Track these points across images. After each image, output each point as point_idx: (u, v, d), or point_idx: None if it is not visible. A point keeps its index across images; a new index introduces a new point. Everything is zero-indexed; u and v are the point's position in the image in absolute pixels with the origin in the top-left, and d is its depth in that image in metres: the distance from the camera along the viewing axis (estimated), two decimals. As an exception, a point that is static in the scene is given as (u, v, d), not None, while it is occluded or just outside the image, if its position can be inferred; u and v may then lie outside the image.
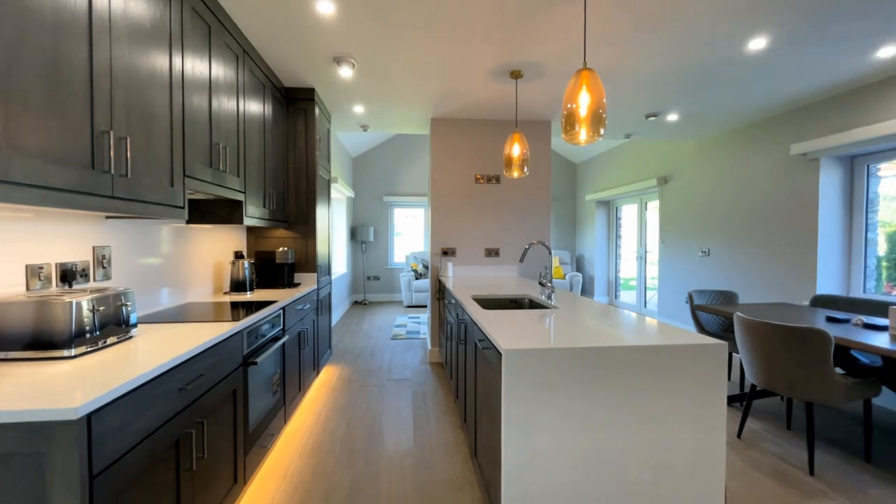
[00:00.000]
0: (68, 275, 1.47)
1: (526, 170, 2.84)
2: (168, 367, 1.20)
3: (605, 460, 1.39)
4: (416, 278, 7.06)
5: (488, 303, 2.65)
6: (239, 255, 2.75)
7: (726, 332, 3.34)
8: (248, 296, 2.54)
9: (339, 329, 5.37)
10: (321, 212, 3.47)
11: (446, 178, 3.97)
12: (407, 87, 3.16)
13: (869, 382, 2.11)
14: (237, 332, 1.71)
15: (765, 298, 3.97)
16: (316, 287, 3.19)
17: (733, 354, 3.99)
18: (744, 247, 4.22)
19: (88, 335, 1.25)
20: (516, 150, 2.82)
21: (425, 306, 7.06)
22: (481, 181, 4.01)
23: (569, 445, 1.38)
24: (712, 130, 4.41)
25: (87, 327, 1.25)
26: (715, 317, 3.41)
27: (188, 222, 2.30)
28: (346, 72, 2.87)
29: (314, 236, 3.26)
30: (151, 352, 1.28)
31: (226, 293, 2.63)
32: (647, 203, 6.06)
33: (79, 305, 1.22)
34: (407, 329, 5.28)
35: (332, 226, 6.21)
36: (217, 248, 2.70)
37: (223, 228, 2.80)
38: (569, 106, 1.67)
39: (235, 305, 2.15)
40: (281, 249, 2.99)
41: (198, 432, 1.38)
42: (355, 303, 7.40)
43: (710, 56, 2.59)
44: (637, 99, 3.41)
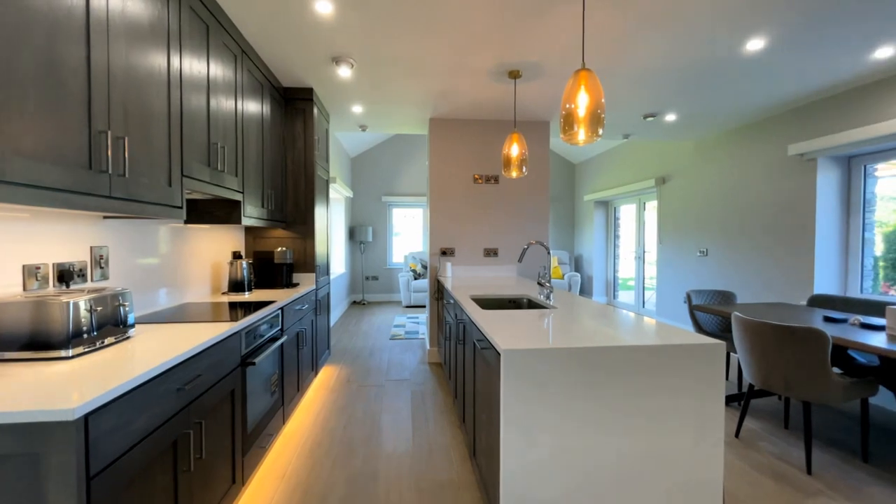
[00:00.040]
0: (65, 275, 1.47)
1: (524, 170, 2.84)
2: (166, 368, 1.19)
3: (603, 460, 1.39)
4: (415, 278, 7.05)
5: (487, 303, 2.65)
6: (237, 256, 2.75)
7: (724, 331, 3.35)
8: (247, 296, 2.54)
9: (338, 329, 5.36)
10: (320, 212, 3.46)
11: (445, 179, 3.97)
12: (405, 86, 3.16)
13: (866, 382, 2.12)
14: (235, 333, 1.71)
15: (762, 298, 3.98)
16: (314, 287, 3.19)
17: (731, 354, 4.00)
18: (742, 247, 4.23)
19: (86, 335, 1.25)
20: (515, 150, 2.83)
21: (424, 306, 7.06)
22: (480, 181, 4.01)
23: (567, 445, 1.38)
24: (710, 131, 4.43)
25: (85, 328, 1.24)
26: (713, 317, 3.42)
27: (186, 222, 2.29)
28: (344, 72, 2.87)
29: (313, 236, 3.26)
30: (149, 352, 1.28)
31: (224, 293, 2.63)
32: (645, 203, 6.07)
33: (76, 306, 1.21)
34: (406, 329, 5.27)
35: (331, 226, 6.19)
36: (215, 249, 2.69)
37: (221, 228, 2.79)
38: (567, 106, 1.67)
39: (234, 306, 2.15)
40: (279, 249, 2.98)
41: (196, 433, 1.38)
42: (354, 303, 7.39)
43: (708, 56, 2.60)
44: (635, 99, 3.42)
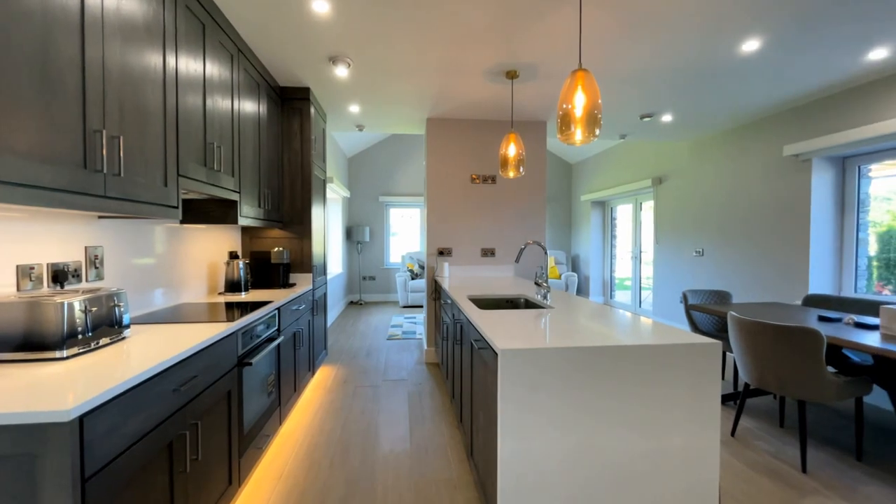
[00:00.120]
0: (60, 275, 1.46)
1: (522, 170, 2.85)
2: (162, 369, 1.19)
3: (600, 459, 1.40)
4: (412, 278, 7.05)
5: (484, 303, 2.66)
6: (234, 256, 2.73)
7: (720, 331, 3.37)
8: (243, 296, 2.53)
9: (335, 329, 5.35)
10: (316, 212, 3.45)
11: (442, 178, 3.97)
12: (402, 86, 3.16)
13: (860, 381, 2.14)
14: (232, 333, 1.70)
15: (758, 298, 4.00)
16: (311, 287, 3.18)
17: (727, 353, 4.03)
18: (737, 247, 4.26)
19: (80, 336, 1.24)
20: (512, 150, 2.83)
21: (421, 306, 7.05)
22: (477, 181, 4.02)
23: (564, 444, 1.38)
24: (706, 131, 4.45)
25: (80, 328, 1.23)
26: (709, 316, 3.44)
27: (182, 222, 2.28)
28: (341, 71, 2.86)
29: (309, 236, 3.25)
30: (145, 353, 1.27)
31: (220, 294, 2.62)
32: (641, 203, 6.09)
33: (70, 306, 1.20)
34: (403, 329, 5.27)
35: (328, 226, 6.19)
36: (211, 249, 2.68)
37: (218, 228, 2.78)
38: (564, 106, 1.67)
39: (230, 306, 2.14)
40: (276, 249, 2.97)
41: (192, 434, 1.37)
42: (351, 303, 7.38)
43: (704, 57, 2.61)
44: (632, 100, 3.43)
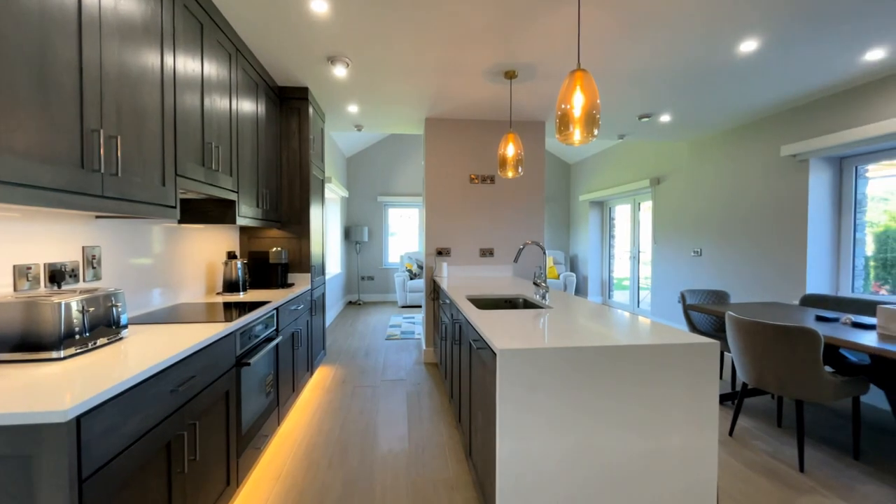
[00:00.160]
0: (57, 275, 1.45)
1: (520, 170, 2.85)
2: (159, 369, 1.18)
3: (599, 459, 1.40)
4: (411, 278, 7.05)
5: (483, 303, 2.66)
6: (232, 256, 2.73)
7: (718, 331, 3.38)
8: (241, 296, 2.52)
9: (334, 329, 5.34)
10: (315, 212, 3.45)
11: (441, 178, 3.97)
12: (401, 86, 3.16)
13: (857, 380, 2.14)
14: (230, 333, 1.70)
15: (756, 298, 4.01)
16: (310, 287, 3.17)
17: (725, 353, 4.03)
18: (735, 247, 4.27)
19: (78, 336, 1.23)
20: (510, 150, 2.83)
21: (420, 306, 7.05)
22: (476, 181, 4.02)
23: (563, 444, 1.38)
24: (704, 131, 4.46)
25: (77, 328, 1.23)
26: (707, 316, 3.44)
27: (180, 222, 2.27)
28: (339, 71, 2.86)
29: (308, 236, 3.25)
30: (142, 353, 1.26)
31: (218, 294, 2.61)
32: (640, 203, 6.10)
33: (68, 306, 1.20)
34: (401, 329, 5.27)
35: (326, 226, 6.18)
36: (209, 249, 2.67)
37: (216, 228, 2.77)
38: (563, 106, 1.67)
39: (228, 306, 2.14)
40: (274, 249, 2.97)
41: (190, 434, 1.37)
42: (349, 303, 7.37)
43: (702, 58, 2.62)
44: (630, 100, 3.44)
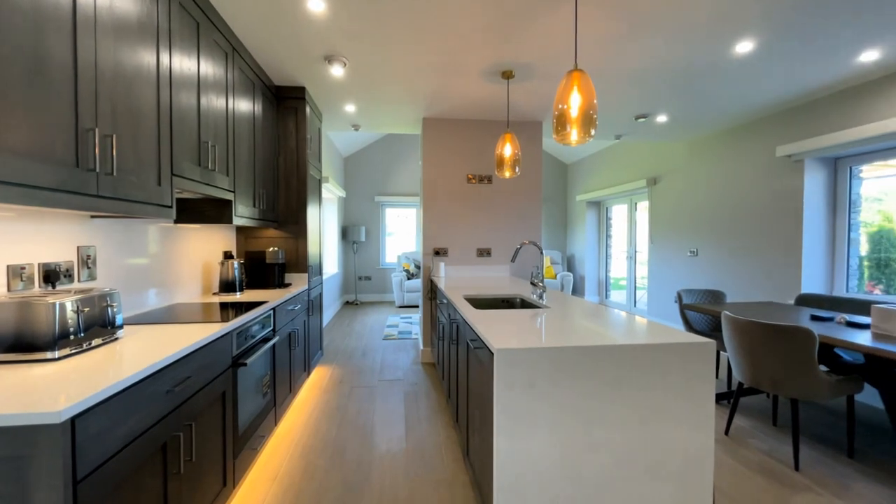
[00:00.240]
0: (51, 275, 1.44)
1: (517, 170, 2.85)
2: (155, 369, 1.18)
3: (596, 457, 1.40)
4: (408, 278, 7.04)
5: (480, 303, 2.66)
6: (228, 256, 2.72)
7: (714, 330, 3.39)
8: (238, 296, 2.51)
9: (331, 329, 5.33)
10: (312, 211, 3.44)
11: (438, 178, 3.97)
12: (398, 86, 3.15)
13: (852, 379, 2.16)
14: (226, 334, 1.69)
15: (751, 297, 4.03)
16: (307, 287, 3.17)
17: (721, 353, 4.06)
18: (731, 247, 4.29)
19: (72, 337, 1.22)
20: (508, 150, 2.83)
21: (417, 306, 7.05)
22: (473, 181, 4.02)
23: (560, 443, 1.38)
24: (701, 132, 4.48)
25: (71, 329, 1.22)
26: (703, 316, 3.46)
27: (176, 222, 2.26)
28: (337, 70, 2.85)
29: (305, 236, 3.24)
30: (138, 353, 1.26)
31: (215, 294, 2.60)
32: (636, 203, 6.12)
33: (62, 306, 1.19)
34: (399, 329, 5.26)
35: (324, 226, 6.17)
36: (206, 248, 2.66)
37: (212, 228, 2.76)
38: (560, 106, 1.67)
39: (225, 306, 2.13)
40: (271, 249, 2.96)
41: (186, 435, 1.36)
42: (347, 303, 7.36)
43: (699, 58, 2.63)
44: (627, 100, 3.45)
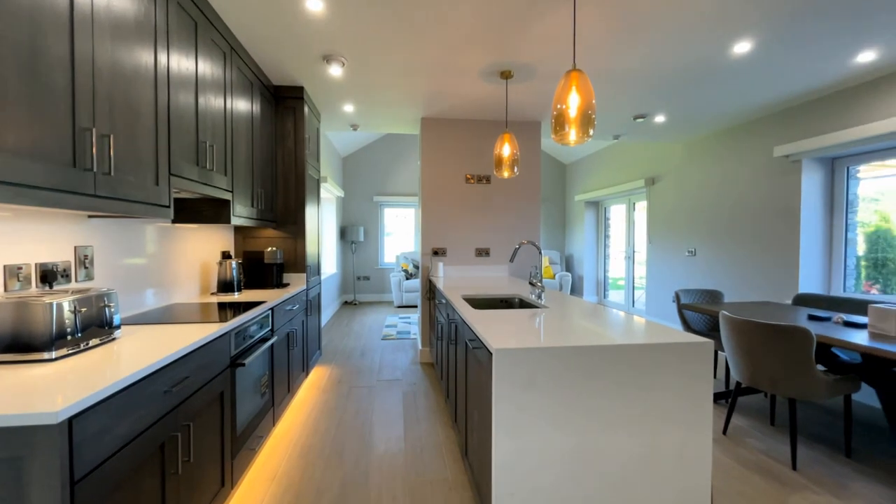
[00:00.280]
0: (48, 275, 1.43)
1: (516, 170, 2.85)
2: (153, 370, 1.17)
3: (594, 458, 1.40)
4: (407, 278, 7.04)
5: (479, 303, 2.66)
6: (226, 255, 2.71)
7: (712, 330, 3.40)
8: (236, 296, 2.51)
9: (329, 330, 5.33)
10: (310, 211, 3.43)
11: (437, 178, 3.97)
12: (397, 86, 3.15)
13: (849, 379, 2.17)
14: (224, 334, 1.69)
15: (749, 297, 4.05)
16: (305, 287, 3.16)
17: (719, 352, 4.06)
18: (729, 246, 4.30)
19: (69, 337, 1.22)
20: (506, 150, 2.83)
21: (416, 306, 7.04)
22: (472, 181, 4.02)
23: (558, 443, 1.38)
24: (699, 132, 4.49)
25: (69, 329, 1.22)
26: (701, 315, 3.47)
27: (174, 222, 2.26)
28: (335, 70, 2.85)
29: (303, 236, 3.23)
30: (135, 354, 1.25)
31: (213, 294, 2.60)
32: (635, 203, 6.13)
33: (59, 306, 1.19)
34: (397, 329, 5.26)
35: (322, 226, 6.16)
36: (204, 248, 2.66)
37: (210, 228, 2.75)
38: (558, 106, 1.68)
39: (223, 306, 2.12)
40: (269, 249, 2.96)
41: (184, 435, 1.36)
42: (345, 303, 7.35)
43: (697, 58, 2.64)
44: (625, 100, 3.45)
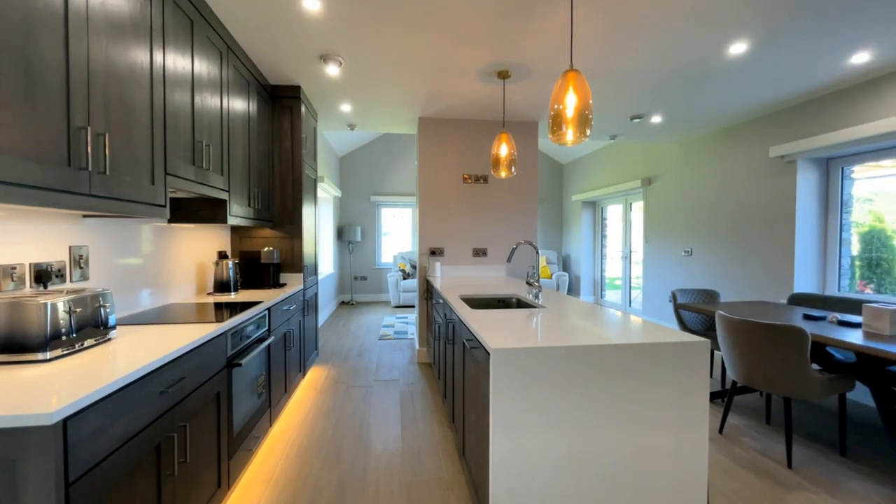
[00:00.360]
0: (43, 275, 1.42)
1: (513, 170, 2.85)
2: (148, 370, 1.17)
3: (591, 458, 1.41)
4: (404, 278, 7.03)
5: (476, 302, 2.66)
6: (223, 255, 2.70)
7: (708, 330, 3.42)
8: (233, 296, 2.50)
9: (326, 330, 5.31)
10: (307, 211, 3.43)
11: (434, 178, 3.97)
12: (394, 85, 3.15)
13: (844, 378, 2.18)
14: (221, 334, 1.68)
15: (745, 297, 4.07)
16: (302, 287, 3.15)
17: (715, 352, 4.08)
18: (725, 246, 4.32)
19: (64, 337, 1.21)
20: (504, 150, 2.84)
21: (413, 306, 7.04)
22: (469, 181, 4.02)
23: (556, 443, 1.39)
24: (695, 132, 4.51)
25: (63, 329, 1.21)
26: (697, 315, 3.48)
27: (170, 221, 2.24)
28: (332, 70, 2.84)
29: (300, 236, 3.22)
30: (131, 354, 1.25)
31: (209, 294, 2.58)
32: (631, 203, 6.15)
33: (54, 307, 1.18)
34: (395, 329, 5.25)
35: (319, 225, 6.14)
36: (200, 248, 2.65)
37: (206, 228, 2.74)
38: (556, 107, 1.68)
39: (219, 306, 2.11)
40: (266, 249, 2.95)
41: (180, 436, 1.35)
42: (342, 303, 7.34)
43: (693, 59, 2.65)
44: (622, 100, 3.46)
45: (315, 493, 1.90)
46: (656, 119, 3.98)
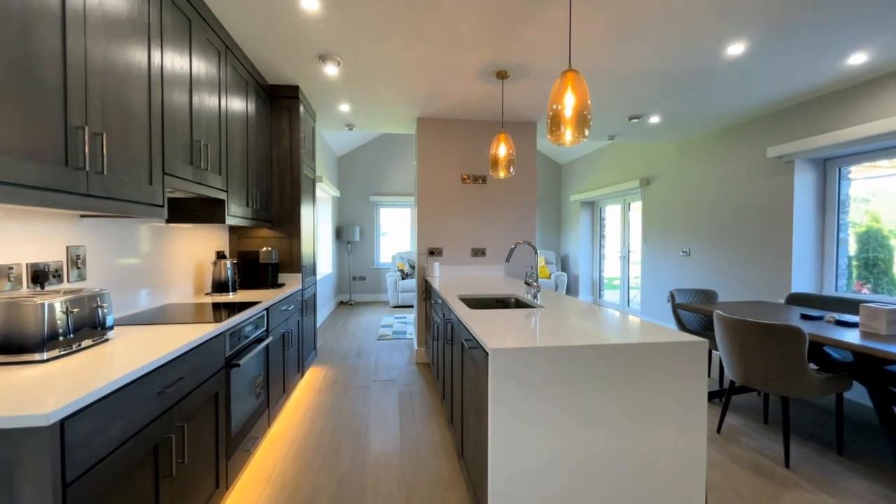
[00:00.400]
0: (40, 276, 1.42)
1: (512, 170, 2.86)
2: (146, 371, 1.16)
3: (590, 457, 1.41)
4: (403, 278, 7.03)
5: (475, 302, 2.66)
6: (221, 255, 2.70)
7: (706, 329, 3.42)
8: (231, 296, 2.49)
9: (325, 330, 5.31)
10: (306, 211, 3.42)
11: (433, 178, 3.97)
12: (393, 85, 3.15)
13: (841, 377, 2.19)
14: (219, 334, 1.68)
15: (743, 296, 4.08)
16: (300, 287, 3.15)
17: (713, 351, 4.09)
18: (723, 247, 4.33)
19: (61, 338, 1.21)
20: (502, 150, 2.84)
21: (412, 306, 7.04)
22: (468, 181, 4.02)
23: (555, 443, 1.39)
24: (693, 133, 4.52)
25: (60, 330, 1.20)
26: (696, 315, 3.49)
27: (168, 221, 2.24)
28: (331, 70, 2.84)
29: (299, 236, 3.22)
30: (128, 354, 1.24)
31: (207, 294, 2.58)
32: (630, 204, 6.16)
33: (51, 307, 1.17)
34: (393, 329, 5.25)
35: (317, 225, 6.13)
36: (198, 248, 2.64)
37: (205, 228, 2.74)
38: (554, 107, 1.68)
39: (217, 306, 2.11)
40: (265, 249, 2.94)
41: (178, 437, 1.35)
42: (341, 303, 7.33)
43: (691, 60, 2.65)
44: (621, 101, 3.47)
45: (314, 493, 1.90)
46: (654, 119, 3.98)
